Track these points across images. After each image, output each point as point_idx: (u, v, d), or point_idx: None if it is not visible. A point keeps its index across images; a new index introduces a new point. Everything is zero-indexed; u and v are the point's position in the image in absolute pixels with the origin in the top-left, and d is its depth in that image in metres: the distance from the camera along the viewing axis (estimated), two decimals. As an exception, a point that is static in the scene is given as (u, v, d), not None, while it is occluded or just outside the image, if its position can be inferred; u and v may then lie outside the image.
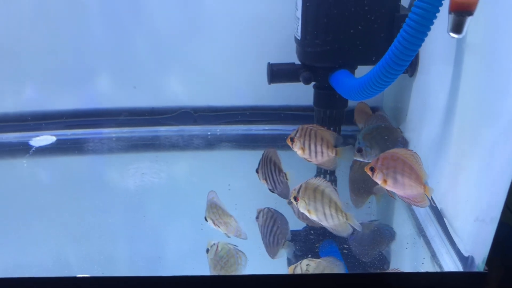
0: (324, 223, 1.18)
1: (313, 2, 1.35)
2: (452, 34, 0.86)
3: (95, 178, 1.57)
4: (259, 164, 1.29)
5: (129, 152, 1.69)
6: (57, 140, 1.73)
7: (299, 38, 1.43)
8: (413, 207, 1.36)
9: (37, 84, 1.73)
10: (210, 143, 1.75)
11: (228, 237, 1.15)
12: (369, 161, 1.33)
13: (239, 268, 1.11)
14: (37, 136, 1.74)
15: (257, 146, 1.78)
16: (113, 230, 1.31)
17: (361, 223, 1.20)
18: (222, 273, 1.12)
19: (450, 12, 0.84)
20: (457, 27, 0.84)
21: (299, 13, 1.40)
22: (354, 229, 1.18)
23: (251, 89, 1.79)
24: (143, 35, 1.71)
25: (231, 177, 1.54)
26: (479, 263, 1.04)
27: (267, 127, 1.83)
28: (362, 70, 1.42)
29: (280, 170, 1.24)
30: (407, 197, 1.15)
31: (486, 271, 1.03)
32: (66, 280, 1.12)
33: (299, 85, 1.53)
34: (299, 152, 1.30)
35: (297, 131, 1.30)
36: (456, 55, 1.12)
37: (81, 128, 1.77)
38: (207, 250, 1.12)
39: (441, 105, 1.21)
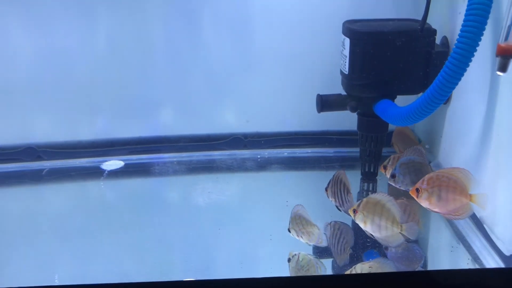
0: (376, 234, 1.35)
1: (360, 43, 1.58)
2: (498, 73, 1.09)
3: (168, 196, 1.78)
4: (328, 183, 1.49)
5: (192, 174, 1.90)
6: (125, 165, 1.94)
7: (346, 73, 1.65)
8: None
9: (107, 115, 1.95)
10: (261, 165, 1.95)
11: (309, 245, 1.35)
12: (400, 187, 1.52)
13: None
14: (107, 161, 1.95)
15: (303, 167, 1.99)
16: (194, 241, 1.50)
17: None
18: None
19: (497, 56, 1.07)
20: (503, 67, 1.07)
21: (346, 52, 1.63)
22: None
23: (295, 116, 2.01)
24: (200, 71, 1.93)
25: (286, 194, 1.73)
26: (521, 260, 1.23)
27: (309, 150, 2.04)
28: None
29: (348, 191, 1.43)
30: (448, 213, 1.32)
31: (528, 267, 1.23)
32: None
33: (338, 113, 1.74)
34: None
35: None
36: (491, 85, 1.34)
37: (145, 154, 1.98)
38: (289, 260, 1.29)
39: (476, 127, 1.43)
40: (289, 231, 1.36)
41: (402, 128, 1.82)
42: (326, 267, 1.30)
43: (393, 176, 1.54)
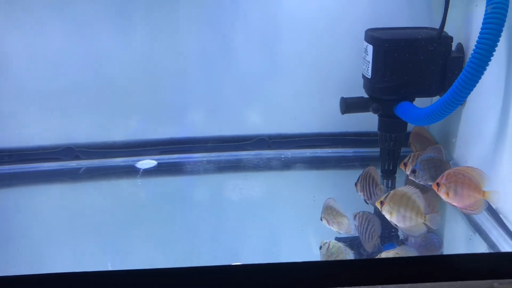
0: (400, 224, 1.46)
1: (382, 50, 1.70)
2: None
3: (202, 193, 1.89)
4: (358, 178, 1.61)
5: (221, 172, 2.02)
6: (158, 164, 2.07)
7: (369, 77, 1.77)
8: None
9: (141, 117, 2.07)
10: (286, 165, 2.07)
11: (340, 233, 1.48)
12: (419, 182, 1.65)
13: None
14: (141, 160, 2.07)
15: (324, 167, 2.11)
16: (233, 232, 1.63)
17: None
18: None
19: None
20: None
21: (369, 58, 1.75)
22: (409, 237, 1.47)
23: (317, 118, 2.12)
24: (229, 76, 2.04)
25: (311, 190, 1.85)
26: (538, 245, 1.35)
27: (330, 150, 2.16)
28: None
29: (377, 184, 1.56)
30: (464, 207, 1.44)
31: (546, 250, 1.34)
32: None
33: (357, 115, 1.87)
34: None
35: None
36: (506, 87, 1.47)
37: (177, 153, 2.10)
38: (320, 247, 1.41)
39: (491, 128, 1.55)
40: (321, 219, 1.48)
41: (419, 129, 1.94)
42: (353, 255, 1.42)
43: (413, 171, 1.67)
